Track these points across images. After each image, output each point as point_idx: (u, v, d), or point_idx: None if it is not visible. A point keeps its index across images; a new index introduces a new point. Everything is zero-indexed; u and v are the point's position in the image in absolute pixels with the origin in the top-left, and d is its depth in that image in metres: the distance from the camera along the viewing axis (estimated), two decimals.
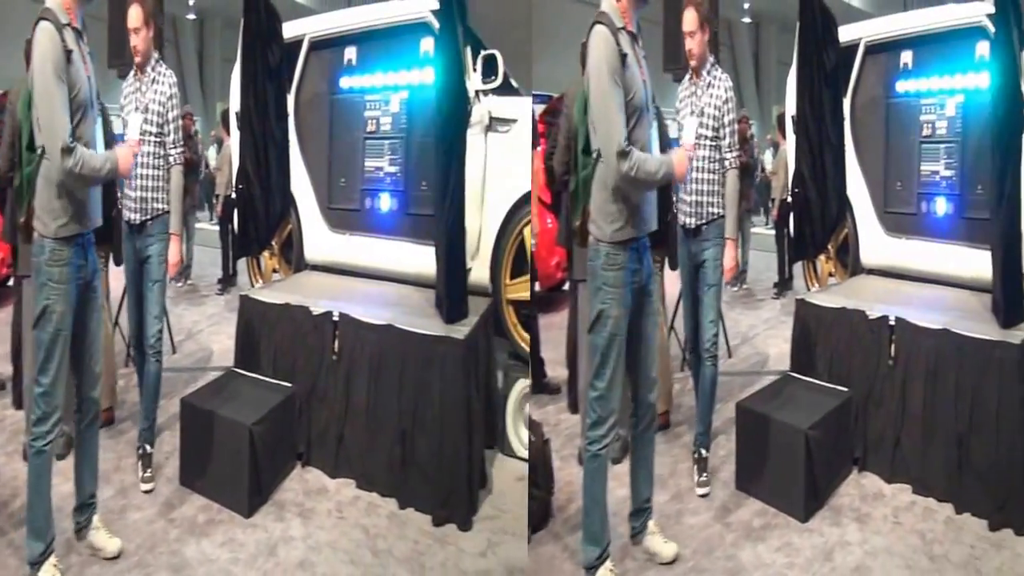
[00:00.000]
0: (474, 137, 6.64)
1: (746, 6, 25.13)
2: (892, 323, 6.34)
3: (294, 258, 8.00)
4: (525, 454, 6.31)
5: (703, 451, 6.31)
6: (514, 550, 5.43)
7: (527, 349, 6.75)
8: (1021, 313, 6.22)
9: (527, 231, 6.64)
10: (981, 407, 5.82)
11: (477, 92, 6.76)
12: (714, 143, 6.25)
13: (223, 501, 5.87)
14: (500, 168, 6.76)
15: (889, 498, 6.07)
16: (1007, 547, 5.46)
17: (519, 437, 6.53)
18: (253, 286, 8.17)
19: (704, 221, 6.29)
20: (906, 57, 7.82)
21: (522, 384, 6.57)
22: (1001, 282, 6.24)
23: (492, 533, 5.60)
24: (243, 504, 5.79)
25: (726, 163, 6.31)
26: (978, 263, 6.62)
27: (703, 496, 6.15)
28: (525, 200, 6.64)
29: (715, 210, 6.30)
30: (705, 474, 6.26)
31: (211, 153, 11.81)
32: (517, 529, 5.61)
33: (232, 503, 5.84)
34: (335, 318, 6.32)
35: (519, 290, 6.78)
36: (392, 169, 7.40)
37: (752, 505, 5.99)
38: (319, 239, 7.82)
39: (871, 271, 8.06)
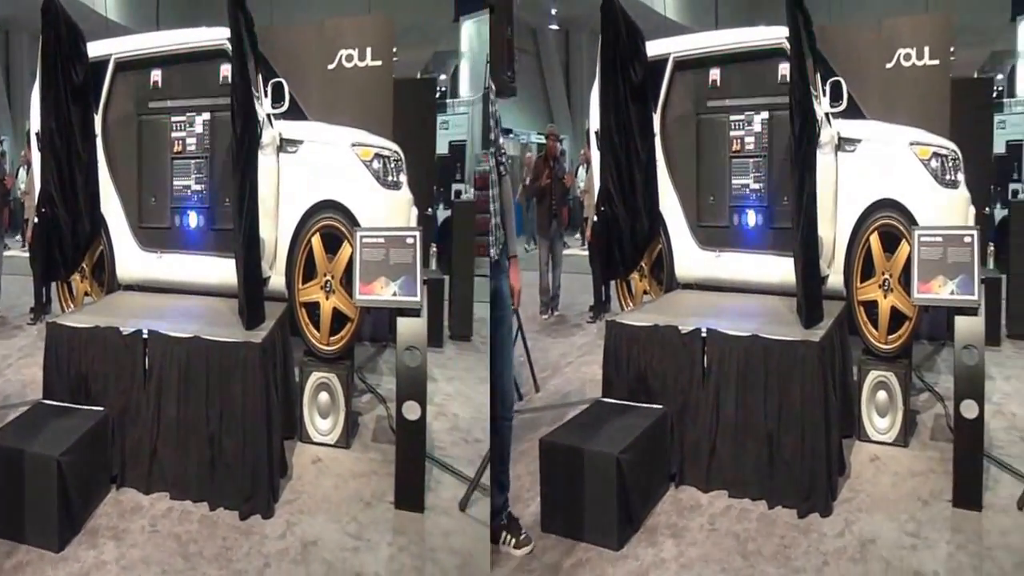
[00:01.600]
0: (267, 157, 7.09)
1: (553, 12, 24.87)
2: (704, 335, 6.43)
3: (106, 279, 7.89)
4: (321, 440, 7.03)
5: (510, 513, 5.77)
6: (308, 527, 5.80)
7: (318, 345, 7.20)
8: (821, 313, 6.58)
9: (315, 239, 7.18)
10: (788, 404, 6.09)
11: (268, 115, 7.21)
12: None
13: (32, 541, 5.69)
14: (290, 184, 7.28)
15: (706, 507, 6.15)
16: (814, 530, 5.71)
17: (315, 425, 7.08)
18: (64, 311, 7.98)
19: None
20: (715, 74, 7.98)
21: (315, 377, 7.09)
22: (803, 286, 6.59)
23: (291, 515, 5.96)
24: (53, 540, 5.59)
25: (500, 169, 5.76)
26: (785, 270, 6.95)
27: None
28: (313, 212, 7.17)
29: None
30: (522, 533, 5.63)
31: (21, 175, 11.49)
32: (312, 507, 6.07)
33: (42, 541, 5.66)
34: (145, 336, 6.32)
35: (310, 293, 7.27)
36: (198, 187, 7.61)
37: (560, 545, 5.67)
38: (131, 258, 7.80)
39: (686, 285, 8.16)
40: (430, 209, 10.13)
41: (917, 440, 7.02)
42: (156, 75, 7.72)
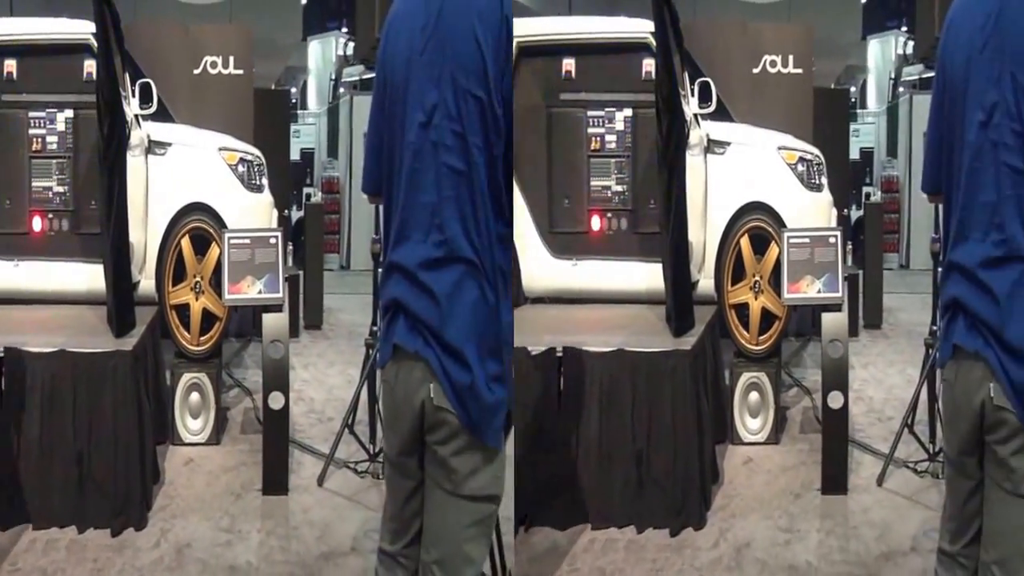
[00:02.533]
0: (135, 158, 6.96)
1: None
2: (560, 354, 6.00)
3: None
4: (193, 440, 6.94)
5: None
6: (182, 530, 5.76)
7: (188, 346, 7.15)
8: (691, 320, 6.50)
9: (185, 241, 7.12)
10: (658, 419, 5.86)
11: (136, 116, 7.06)
12: None
13: None
14: (160, 187, 7.16)
15: (565, 547, 5.82)
16: (688, 546, 5.66)
17: (186, 426, 6.98)
18: None
19: None
20: (568, 64, 7.49)
21: (187, 377, 7.00)
22: (673, 293, 6.46)
23: (164, 521, 5.88)
24: None
25: None
26: (653, 277, 6.80)
27: None
28: (183, 214, 7.13)
29: None
30: None
31: None
32: (185, 509, 6.05)
33: None
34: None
35: (180, 295, 7.19)
36: (61, 189, 7.30)
37: None
38: None
39: (536, 300, 7.53)
40: (286, 211, 10.29)
41: (788, 436, 7.17)
42: (11, 65, 7.35)
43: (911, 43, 15.12)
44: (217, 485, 6.42)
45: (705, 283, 7.22)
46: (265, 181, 7.44)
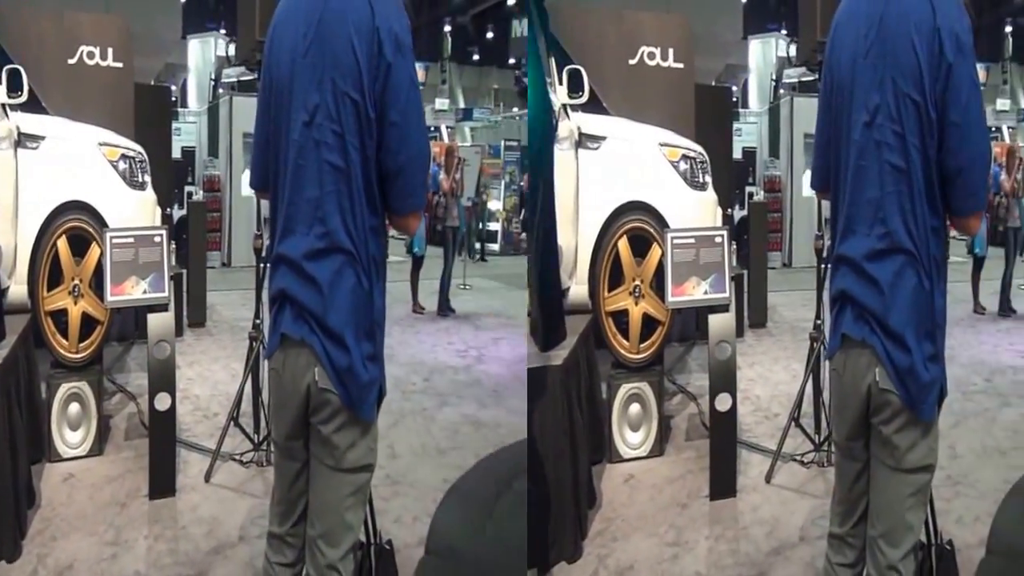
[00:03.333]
0: (2, 152, 6.65)
1: None
2: None
3: None
4: (73, 454, 6.63)
5: None
6: (63, 553, 5.38)
7: (67, 354, 6.78)
8: (563, 332, 6.03)
9: (61, 242, 6.76)
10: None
11: (3, 105, 6.69)
12: None
13: None
14: (32, 183, 6.77)
15: None
16: None
17: (65, 440, 6.64)
18: None
19: None
20: None
21: (65, 388, 6.67)
22: (539, 302, 5.87)
23: (41, 546, 5.45)
24: None
25: None
26: None
27: None
28: (58, 213, 6.74)
29: None
30: None
31: None
32: (65, 529, 5.67)
33: None
34: None
35: (56, 300, 6.83)
36: None
37: None
38: None
39: None
40: (168, 209, 10.19)
41: (673, 446, 7.06)
42: None
43: (793, 46, 15.37)
44: (100, 498, 6.12)
45: (577, 290, 6.87)
46: (148, 178, 7.23)
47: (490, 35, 19.34)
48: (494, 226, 18.66)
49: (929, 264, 3.42)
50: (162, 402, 6.08)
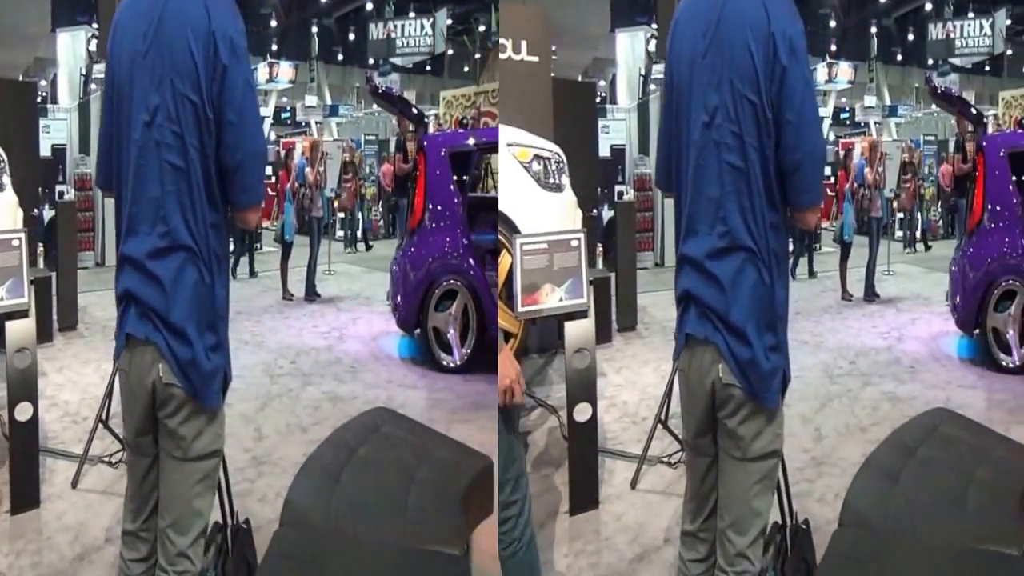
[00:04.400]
0: None
1: None
2: None
3: None
4: None
5: None
6: None
7: None
8: None
9: None
10: None
11: None
12: None
13: None
14: None
15: None
16: None
17: None
18: None
19: None
20: None
21: None
22: None
23: None
24: None
25: None
26: None
27: None
28: None
29: None
30: None
31: None
32: None
33: None
34: None
35: None
36: None
37: None
38: None
39: None
40: (36, 210, 9.94)
41: (530, 464, 6.90)
42: None
43: (654, 40, 15.34)
44: None
45: None
46: (7, 179, 7.13)
47: (352, 37, 19.44)
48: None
49: (769, 259, 3.54)
50: (23, 412, 5.91)
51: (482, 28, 18.70)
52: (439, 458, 5.23)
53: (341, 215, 16.32)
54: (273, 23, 18.37)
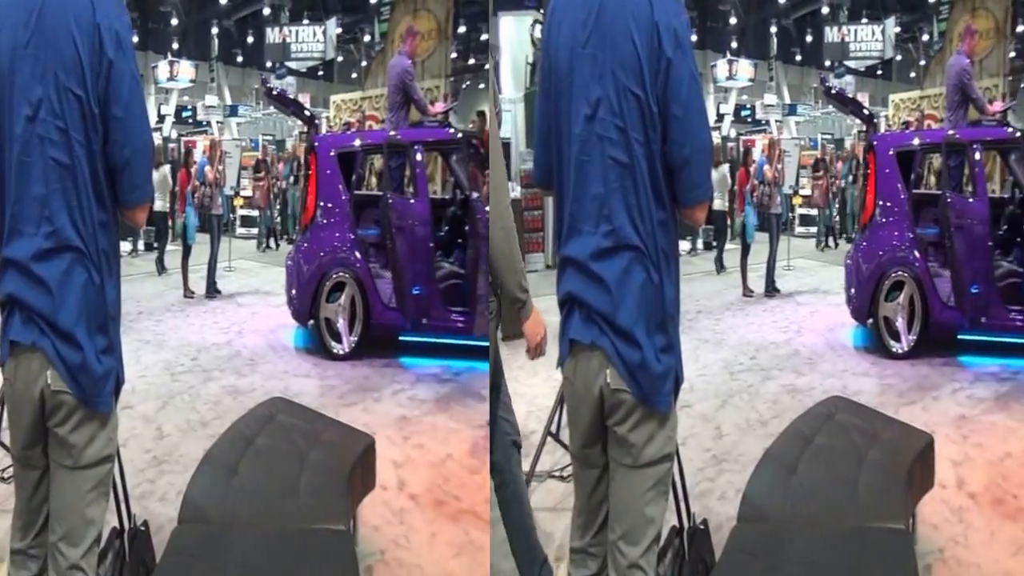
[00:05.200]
0: None
1: None
2: None
3: None
4: None
5: None
6: None
7: None
8: None
9: None
10: None
11: None
12: None
13: None
14: None
15: None
16: None
17: None
18: None
19: None
20: None
21: None
22: None
23: None
24: None
25: None
26: None
27: None
28: None
29: None
30: None
31: None
32: None
33: None
34: None
35: None
36: None
37: None
38: None
39: None
40: None
41: None
42: None
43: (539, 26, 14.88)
44: None
45: None
46: None
47: (251, 40, 19.44)
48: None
49: (657, 257, 3.42)
50: None
51: (367, 38, 18.92)
52: (327, 441, 5.29)
53: (255, 213, 16.30)
54: (174, 21, 18.21)
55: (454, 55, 17.34)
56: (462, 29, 17.79)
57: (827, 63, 18.79)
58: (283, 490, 4.73)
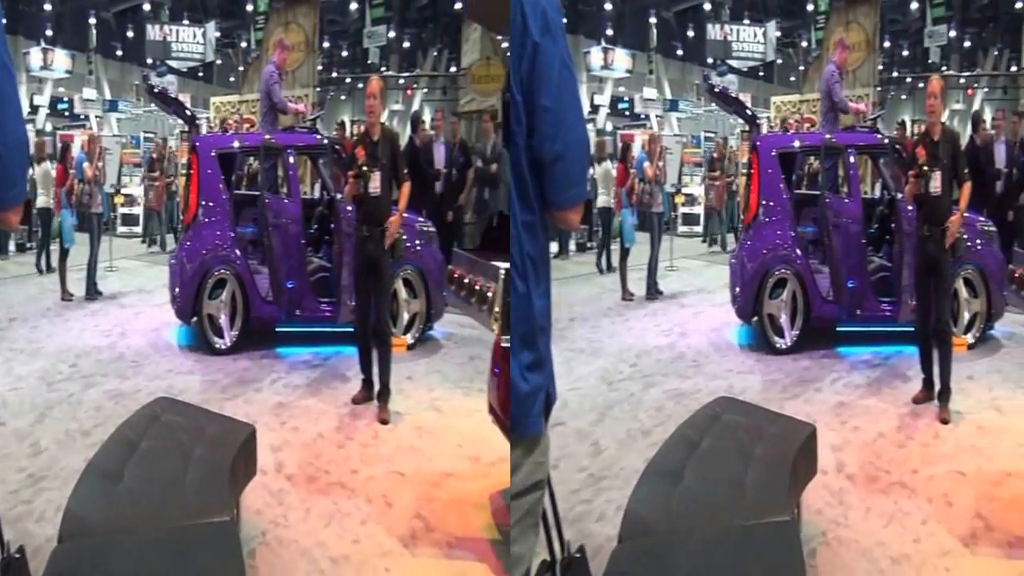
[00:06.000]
0: None
1: None
2: None
3: None
4: None
5: None
6: None
7: None
8: None
9: None
10: None
11: None
12: None
13: None
14: None
15: None
16: None
17: None
18: None
19: None
20: None
21: None
22: None
23: None
24: None
25: None
26: None
27: None
28: None
29: None
30: None
31: None
32: None
33: None
34: None
35: None
36: None
37: None
38: None
39: None
40: None
41: None
42: None
43: None
44: None
45: None
46: None
47: (131, 34, 19.20)
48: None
49: (523, 264, 3.14)
50: None
51: (244, 44, 19.08)
52: (211, 435, 5.32)
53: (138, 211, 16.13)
54: (47, 7, 17.80)
55: (319, 67, 18.02)
56: (326, 44, 18.72)
57: (709, 60, 18.97)
58: (170, 490, 4.69)
